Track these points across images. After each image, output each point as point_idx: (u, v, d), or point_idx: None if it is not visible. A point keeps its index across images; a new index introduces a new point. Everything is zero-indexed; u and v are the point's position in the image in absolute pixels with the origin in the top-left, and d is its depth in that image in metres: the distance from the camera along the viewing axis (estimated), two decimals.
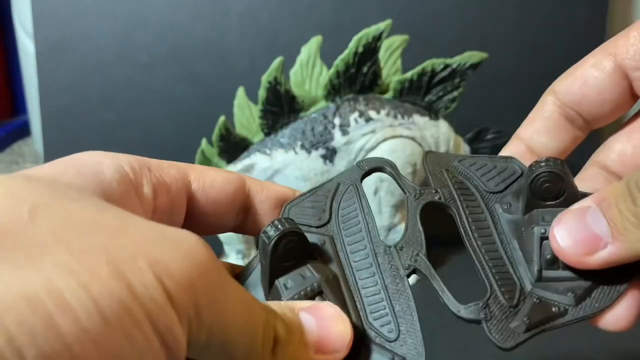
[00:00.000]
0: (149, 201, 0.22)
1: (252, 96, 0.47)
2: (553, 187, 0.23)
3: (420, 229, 0.24)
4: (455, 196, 0.25)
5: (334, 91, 0.46)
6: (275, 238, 0.22)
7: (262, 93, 0.45)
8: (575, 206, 0.22)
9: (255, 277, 0.24)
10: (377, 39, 0.45)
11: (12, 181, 0.17)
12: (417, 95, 0.48)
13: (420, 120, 0.48)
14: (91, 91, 0.61)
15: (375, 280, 0.23)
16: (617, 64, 0.24)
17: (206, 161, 0.48)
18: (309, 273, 0.22)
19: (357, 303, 0.23)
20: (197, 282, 0.16)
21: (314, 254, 0.23)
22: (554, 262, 0.22)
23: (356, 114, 0.46)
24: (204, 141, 0.48)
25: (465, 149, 0.51)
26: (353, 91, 0.47)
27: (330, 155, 0.46)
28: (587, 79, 0.25)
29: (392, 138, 0.46)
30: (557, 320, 0.22)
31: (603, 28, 0.60)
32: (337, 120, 0.46)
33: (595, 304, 0.22)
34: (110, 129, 0.60)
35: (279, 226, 0.22)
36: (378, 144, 0.46)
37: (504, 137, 0.46)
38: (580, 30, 0.60)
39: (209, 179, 0.24)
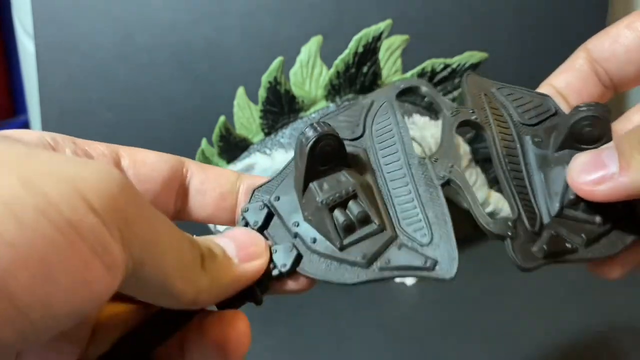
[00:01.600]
0: None
1: (252, 96, 0.47)
2: (594, 131, 0.23)
3: (456, 143, 0.25)
4: (491, 120, 0.25)
5: (334, 91, 0.46)
6: (314, 139, 0.22)
7: (262, 93, 0.45)
8: (597, 149, 0.23)
9: (288, 184, 0.24)
10: (377, 39, 0.45)
11: None
12: (417, 95, 0.48)
13: (421, 120, 0.48)
14: (91, 91, 0.61)
15: (409, 189, 0.23)
16: None
17: (206, 161, 0.48)
18: (343, 178, 0.23)
19: (390, 210, 0.23)
20: (118, 196, 0.17)
21: (348, 162, 0.24)
22: (575, 203, 0.23)
23: None
24: (204, 141, 0.48)
25: (465, 149, 0.51)
26: (353, 91, 0.47)
27: None
28: (619, 37, 0.26)
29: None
30: (568, 256, 0.23)
31: (603, 28, 0.60)
32: None
33: (602, 249, 0.23)
34: (111, 128, 0.60)
35: (318, 128, 0.22)
36: None
37: None
38: (580, 30, 0.60)
39: (141, 156, 0.24)
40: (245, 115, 0.47)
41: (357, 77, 0.46)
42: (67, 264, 0.15)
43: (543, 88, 0.28)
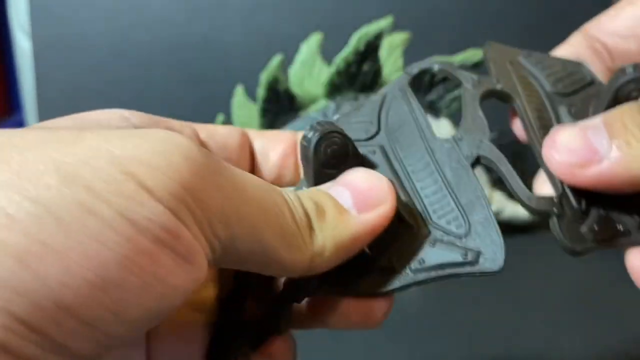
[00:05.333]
0: None
1: (251, 95, 0.47)
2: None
3: (482, 115, 0.22)
4: (519, 89, 0.23)
5: (334, 90, 0.46)
6: (316, 139, 0.19)
7: (261, 91, 0.45)
8: (582, 122, 0.20)
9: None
10: (378, 36, 0.45)
11: None
12: (418, 93, 0.47)
13: None
14: (88, 89, 0.60)
15: (435, 178, 0.21)
16: None
17: None
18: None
19: (418, 205, 0.21)
20: (185, 170, 0.14)
21: (364, 164, 0.21)
22: None
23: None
24: None
25: None
26: (353, 90, 0.46)
27: None
28: (619, 13, 0.25)
29: None
30: (620, 239, 0.20)
31: None
32: (336, 118, 0.46)
33: None
34: None
35: (318, 127, 0.20)
36: None
37: (506, 137, 0.46)
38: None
39: (213, 129, 0.22)
40: (244, 113, 0.47)
41: (358, 75, 0.46)
42: (129, 264, 0.13)
43: None
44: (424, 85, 0.47)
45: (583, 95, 0.23)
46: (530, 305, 0.45)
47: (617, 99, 0.21)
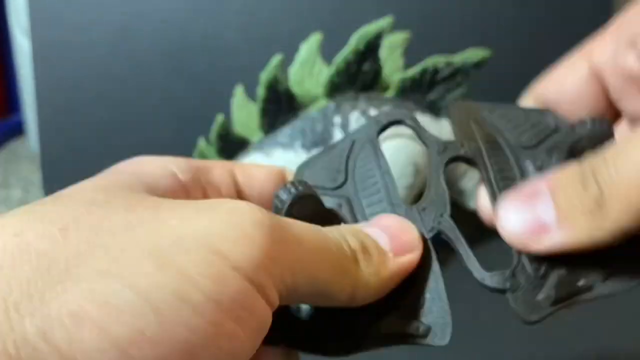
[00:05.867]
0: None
1: (251, 95, 0.46)
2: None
3: (445, 187, 0.22)
4: (483, 150, 0.23)
5: (334, 89, 0.46)
6: (289, 202, 0.20)
7: (261, 91, 0.45)
8: (528, 186, 0.20)
9: None
10: (378, 36, 0.45)
11: (41, 207, 0.16)
12: (419, 93, 0.47)
13: (422, 118, 0.47)
14: (88, 89, 0.60)
15: None
16: (592, 66, 0.23)
17: None
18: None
19: None
20: (262, 241, 0.16)
21: (330, 219, 0.22)
22: None
23: (357, 113, 0.45)
24: (202, 140, 0.47)
25: None
26: (354, 89, 0.46)
27: None
28: (564, 80, 0.24)
29: (393, 137, 0.45)
30: (582, 295, 0.20)
31: (606, 24, 0.60)
32: (337, 119, 0.45)
33: (626, 279, 0.20)
34: (108, 127, 0.60)
35: (292, 189, 0.21)
36: (384, 138, 0.45)
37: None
38: (584, 27, 0.59)
39: (253, 174, 0.23)
40: (244, 114, 0.47)
41: (358, 75, 0.45)
42: (211, 346, 0.14)
43: None
44: (425, 85, 0.47)
45: (548, 144, 0.23)
46: None
47: (573, 154, 0.22)
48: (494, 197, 0.22)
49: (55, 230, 0.15)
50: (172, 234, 0.15)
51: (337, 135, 0.45)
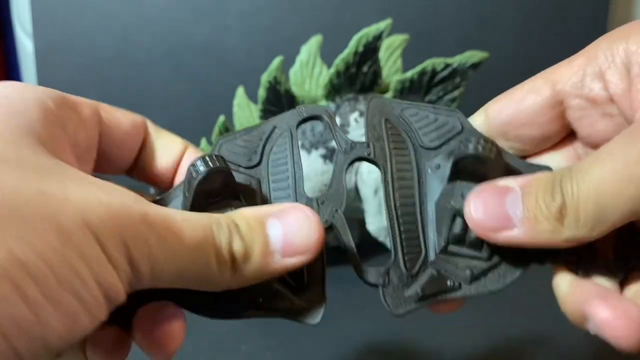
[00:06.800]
0: (73, 138, 0.22)
1: (251, 96, 0.47)
2: (477, 170, 0.23)
3: (345, 185, 0.24)
4: (387, 152, 0.25)
5: (334, 91, 0.46)
6: (204, 174, 0.22)
7: (261, 93, 0.45)
8: (501, 182, 0.22)
9: (176, 205, 0.24)
10: (378, 38, 0.45)
11: None
12: (417, 94, 0.47)
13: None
14: (90, 90, 0.61)
15: None
16: (555, 90, 0.24)
17: None
18: (230, 211, 0.22)
19: None
20: (130, 232, 0.18)
21: (238, 194, 0.23)
22: (461, 239, 0.23)
23: (356, 114, 0.46)
24: (203, 141, 0.48)
25: None
26: (353, 91, 0.46)
27: (330, 155, 0.46)
28: (522, 100, 0.25)
29: None
30: (448, 294, 0.23)
31: (604, 28, 0.60)
32: (337, 120, 0.46)
33: (488, 284, 0.23)
34: None
35: (209, 163, 0.22)
36: None
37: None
38: (581, 30, 0.60)
39: (117, 119, 0.25)
40: (245, 114, 0.47)
41: (358, 77, 0.46)
42: (87, 313, 0.17)
43: None
44: (423, 86, 0.47)
45: (449, 148, 0.25)
46: (531, 304, 0.45)
47: (458, 169, 0.23)
48: (387, 198, 0.24)
49: None
50: (74, 217, 0.17)
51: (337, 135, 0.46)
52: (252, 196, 0.24)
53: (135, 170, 0.27)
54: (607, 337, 0.20)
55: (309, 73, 0.47)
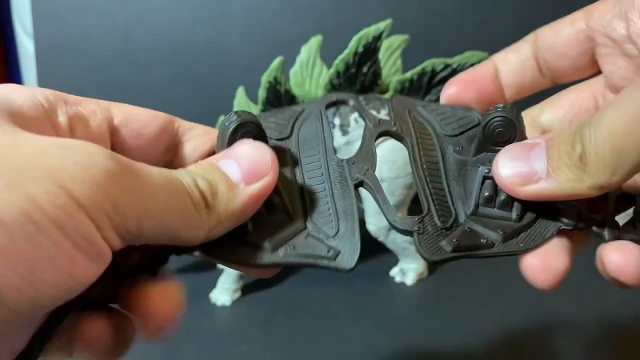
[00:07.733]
0: (66, 132, 0.22)
1: (252, 96, 0.47)
2: (505, 132, 0.24)
3: (374, 151, 0.26)
4: (412, 132, 0.27)
5: (334, 91, 0.46)
6: (237, 123, 0.23)
7: (262, 93, 0.45)
8: (528, 140, 0.23)
9: None
10: (377, 38, 0.45)
11: None
12: (417, 95, 0.47)
13: None
14: (91, 91, 0.60)
15: (324, 186, 0.25)
16: (587, 26, 0.27)
17: None
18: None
19: (306, 204, 0.24)
20: (105, 182, 0.17)
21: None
22: (490, 200, 0.24)
23: (356, 114, 0.46)
24: None
25: None
26: (353, 91, 0.46)
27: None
28: (561, 30, 0.28)
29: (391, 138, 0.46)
30: (482, 250, 0.23)
31: None
32: (337, 120, 0.46)
33: (520, 244, 0.23)
34: None
35: (242, 115, 0.23)
36: (378, 144, 0.46)
37: None
38: None
39: (133, 114, 0.25)
40: None
41: (357, 77, 0.46)
42: (53, 263, 0.16)
43: (487, 64, 0.30)
44: (423, 87, 0.47)
45: (469, 135, 0.27)
46: (530, 304, 0.45)
47: (485, 135, 0.24)
48: (415, 167, 0.25)
49: None
50: (26, 162, 0.16)
51: (337, 136, 0.46)
52: (284, 158, 0.25)
53: (171, 166, 0.26)
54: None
55: (309, 73, 0.47)
